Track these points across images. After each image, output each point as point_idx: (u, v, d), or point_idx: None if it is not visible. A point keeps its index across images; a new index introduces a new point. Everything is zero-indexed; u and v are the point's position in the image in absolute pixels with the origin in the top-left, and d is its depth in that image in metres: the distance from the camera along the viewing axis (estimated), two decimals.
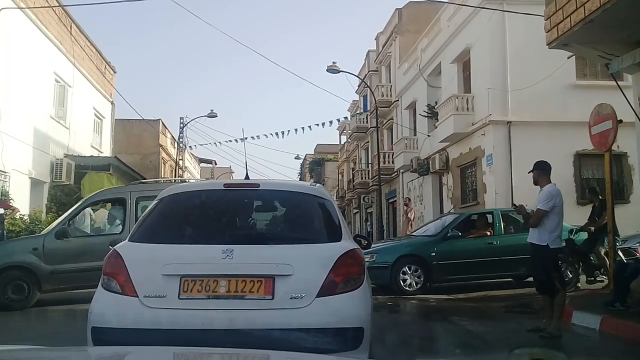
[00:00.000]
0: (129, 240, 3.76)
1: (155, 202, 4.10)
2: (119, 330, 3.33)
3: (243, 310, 3.32)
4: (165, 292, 3.36)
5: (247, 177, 4.49)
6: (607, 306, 6.99)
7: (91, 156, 20.13)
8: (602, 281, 9.61)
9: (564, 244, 6.92)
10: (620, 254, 9.73)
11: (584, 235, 10.00)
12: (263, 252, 3.59)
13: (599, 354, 5.88)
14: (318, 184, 4.66)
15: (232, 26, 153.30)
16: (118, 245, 3.73)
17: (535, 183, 6.47)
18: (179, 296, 3.34)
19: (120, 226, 9.62)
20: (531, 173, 6.60)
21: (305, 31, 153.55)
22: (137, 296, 3.37)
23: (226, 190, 4.10)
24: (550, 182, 6.37)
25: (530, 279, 10.76)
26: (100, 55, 22.37)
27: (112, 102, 23.91)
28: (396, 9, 29.11)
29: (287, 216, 4.34)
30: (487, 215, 11.40)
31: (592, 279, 9.88)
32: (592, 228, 9.87)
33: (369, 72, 34.90)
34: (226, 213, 4.16)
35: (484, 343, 6.29)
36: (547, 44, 8.04)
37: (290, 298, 3.35)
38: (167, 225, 3.93)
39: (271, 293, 3.35)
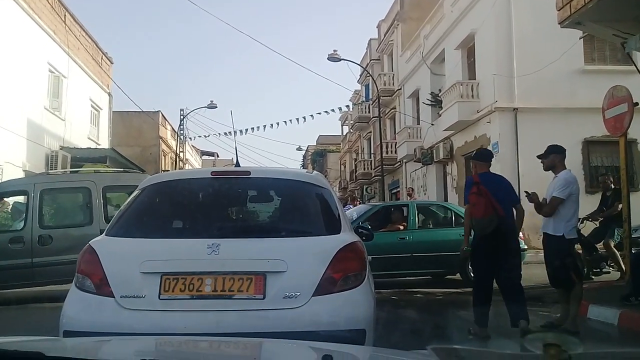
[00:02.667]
0: (105, 235, 3.42)
1: (136, 192, 3.75)
2: (92, 334, 2.98)
3: (231, 311, 2.98)
4: (144, 292, 3.04)
5: (237, 165, 4.11)
6: (623, 300, 6.60)
7: (88, 148, 19.81)
8: (608, 272, 9.15)
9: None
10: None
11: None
12: (253, 246, 3.23)
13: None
14: (315, 172, 4.27)
15: (233, 16, 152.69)
16: (93, 240, 3.39)
17: (548, 168, 5.97)
18: (159, 296, 3.01)
19: (23, 222, 8.64)
20: (541, 158, 6.08)
21: (306, 19, 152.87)
22: (114, 296, 3.05)
23: (214, 178, 3.72)
24: (566, 168, 5.94)
25: (451, 276, 10.15)
26: (96, 45, 21.99)
27: (109, 94, 23.57)
28: None
29: (281, 206, 3.97)
30: (403, 208, 10.69)
31: (598, 270, 9.43)
32: (600, 218, 9.45)
33: (370, 60, 34.44)
34: (213, 204, 3.78)
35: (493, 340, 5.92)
36: (559, 23, 7.61)
37: (284, 297, 3.01)
38: (148, 218, 3.58)
39: (262, 292, 3.01)
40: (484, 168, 5.95)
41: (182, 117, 34.55)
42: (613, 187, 9.49)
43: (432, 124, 22.38)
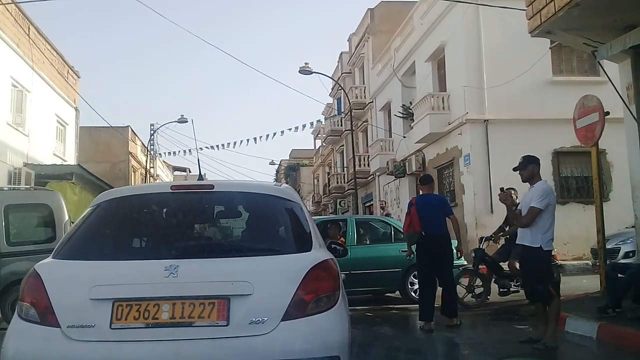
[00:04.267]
0: (52, 258, 3.10)
1: (89, 209, 3.44)
2: None
3: (191, 340, 2.69)
4: (94, 321, 2.72)
5: (200, 178, 3.85)
6: (600, 312, 6.47)
7: (53, 165, 19.22)
8: (517, 291, 8.62)
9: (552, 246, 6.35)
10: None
11: None
12: (215, 268, 2.94)
13: None
14: (284, 184, 4.02)
15: (203, 29, 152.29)
16: (38, 264, 3.06)
17: (527, 180, 5.84)
18: (110, 325, 2.71)
19: None
20: (518, 170, 5.93)
21: (279, 33, 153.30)
22: (59, 326, 2.73)
23: (174, 193, 3.44)
24: (542, 179, 5.82)
25: (395, 294, 9.83)
26: (62, 59, 21.45)
27: (76, 108, 22.98)
28: (368, 9, 28.80)
29: (246, 223, 3.71)
30: (341, 222, 10.25)
31: (506, 290, 8.89)
32: (503, 237, 9.01)
33: (342, 74, 34.51)
34: (172, 221, 3.50)
35: (474, 357, 5.75)
36: (530, 32, 7.57)
37: (250, 323, 2.73)
38: (101, 238, 3.27)
39: (226, 318, 2.73)
40: (426, 190, 7.32)
41: (152, 132, 34.08)
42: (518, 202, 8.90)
43: (404, 137, 22.37)
